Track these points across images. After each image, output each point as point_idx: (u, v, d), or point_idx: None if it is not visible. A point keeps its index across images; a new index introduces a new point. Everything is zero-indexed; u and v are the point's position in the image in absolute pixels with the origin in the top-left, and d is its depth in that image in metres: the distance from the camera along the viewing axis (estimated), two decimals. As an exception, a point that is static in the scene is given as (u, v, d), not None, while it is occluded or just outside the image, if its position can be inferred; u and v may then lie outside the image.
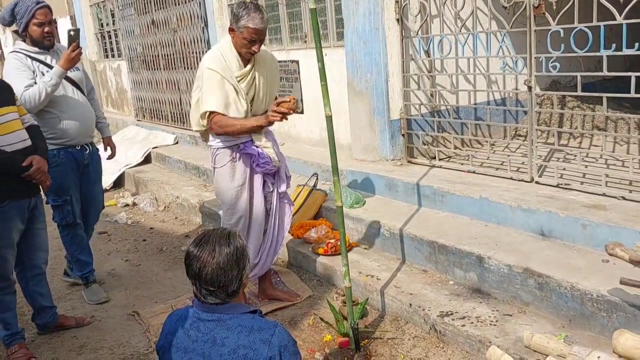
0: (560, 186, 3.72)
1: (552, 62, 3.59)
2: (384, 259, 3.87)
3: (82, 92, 3.91)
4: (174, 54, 7.70)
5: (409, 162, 4.68)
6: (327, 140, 2.97)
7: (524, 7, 3.70)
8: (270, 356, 1.78)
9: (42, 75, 3.62)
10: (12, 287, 3.27)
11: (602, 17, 3.30)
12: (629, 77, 3.26)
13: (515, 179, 3.98)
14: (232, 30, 3.21)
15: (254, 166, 3.39)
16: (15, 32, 4.17)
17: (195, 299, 1.90)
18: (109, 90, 10.47)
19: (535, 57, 3.76)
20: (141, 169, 7.37)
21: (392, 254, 3.90)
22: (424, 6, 4.40)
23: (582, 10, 3.39)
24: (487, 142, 4.51)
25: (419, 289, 3.41)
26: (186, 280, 1.89)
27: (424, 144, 4.73)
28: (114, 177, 7.30)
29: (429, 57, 4.60)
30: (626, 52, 3.24)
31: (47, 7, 3.68)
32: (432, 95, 4.72)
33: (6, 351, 3.27)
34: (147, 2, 8.05)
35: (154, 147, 7.74)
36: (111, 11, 9.53)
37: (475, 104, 4.67)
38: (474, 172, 4.24)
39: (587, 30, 3.37)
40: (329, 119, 2.89)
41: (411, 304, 3.25)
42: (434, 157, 4.60)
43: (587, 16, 3.37)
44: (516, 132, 5.09)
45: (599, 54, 3.38)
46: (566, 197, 3.53)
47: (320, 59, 2.83)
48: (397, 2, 4.42)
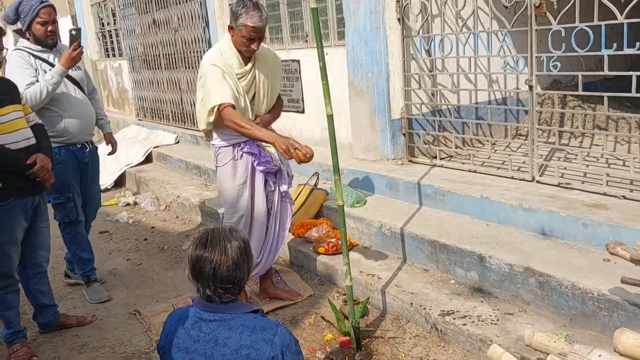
0: (561, 185, 3.72)
1: (553, 62, 3.59)
2: (385, 258, 3.87)
3: (82, 91, 3.93)
4: (175, 54, 7.69)
5: (410, 161, 4.69)
6: (328, 139, 2.98)
7: (525, 6, 3.70)
8: (272, 356, 1.77)
9: (44, 73, 3.65)
10: (16, 286, 3.28)
11: (603, 17, 3.30)
12: (630, 77, 3.26)
13: (516, 179, 3.98)
14: (231, 28, 3.22)
15: (255, 165, 3.40)
16: (16, 32, 4.18)
17: (196, 299, 1.88)
18: (110, 89, 10.47)
19: (536, 57, 3.75)
20: (142, 169, 7.37)
21: (393, 253, 3.91)
22: (425, 5, 4.40)
23: (583, 9, 3.40)
24: (488, 141, 4.52)
25: (420, 288, 3.42)
26: (187, 279, 1.88)
27: (425, 144, 4.73)
28: (115, 176, 7.30)
29: (430, 56, 4.61)
30: (627, 51, 3.24)
31: (51, 6, 3.73)
32: (433, 94, 4.72)
33: (8, 350, 3.28)
34: (148, 2, 8.04)
35: (155, 147, 7.74)
36: (112, 10, 9.52)
37: (476, 104, 4.68)
38: (475, 172, 4.24)
39: (588, 29, 3.37)
40: (330, 118, 2.89)
41: (412, 303, 3.26)
42: (435, 157, 4.60)
43: (588, 16, 3.37)
44: (517, 131, 5.09)
45: (600, 54, 3.38)
46: (567, 196, 3.54)
47: (321, 58, 2.83)
48: (398, 1, 4.42)
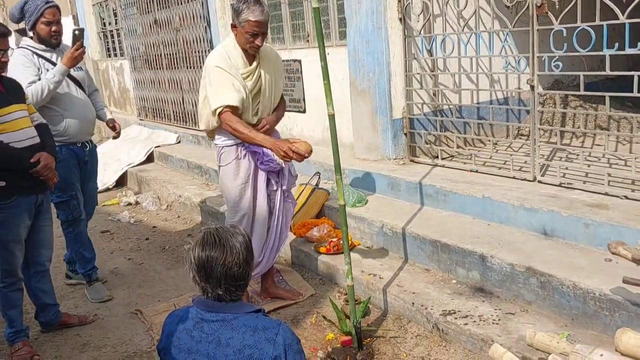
0: (562, 185, 3.72)
1: (554, 62, 3.60)
2: (386, 258, 3.87)
3: (84, 91, 3.97)
4: (176, 54, 7.70)
5: (412, 161, 4.69)
6: (329, 139, 2.98)
7: (526, 6, 3.70)
8: (275, 355, 1.78)
9: (47, 72, 3.68)
10: (19, 284, 3.29)
11: (605, 17, 3.30)
12: (632, 77, 3.26)
13: (517, 178, 3.98)
14: (234, 26, 3.22)
15: (258, 164, 3.40)
16: (18, 31, 4.21)
17: (196, 299, 1.88)
18: (111, 89, 10.48)
19: (537, 57, 3.75)
20: (144, 168, 7.36)
21: (394, 252, 3.91)
22: (426, 5, 4.39)
23: (585, 9, 3.40)
24: (489, 141, 4.52)
25: (421, 288, 3.42)
26: (188, 278, 1.88)
27: (427, 143, 4.73)
28: (117, 176, 7.30)
29: (431, 56, 4.61)
30: (629, 51, 3.25)
31: (56, 7, 3.79)
32: (434, 94, 4.72)
33: (10, 349, 3.28)
34: (150, 2, 8.05)
35: (156, 146, 7.74)
36: (113, 10, 9.53)
37: (477, 103, 4.68)
38: (476, 172, 4.24)
39: (589, 29, 3.37)
40: (332, 117, 2.89)
41: (414, 303, 3.26)
42: (437, 157, 4.60)
43: (589, 15, 3.38)
44: (519, 131, 5.09)
45: (601, 54, 3.38)
46: (569, 196, 3.54)
47: (323, 58, 2.83)
48: (399, 1, 4.43)
